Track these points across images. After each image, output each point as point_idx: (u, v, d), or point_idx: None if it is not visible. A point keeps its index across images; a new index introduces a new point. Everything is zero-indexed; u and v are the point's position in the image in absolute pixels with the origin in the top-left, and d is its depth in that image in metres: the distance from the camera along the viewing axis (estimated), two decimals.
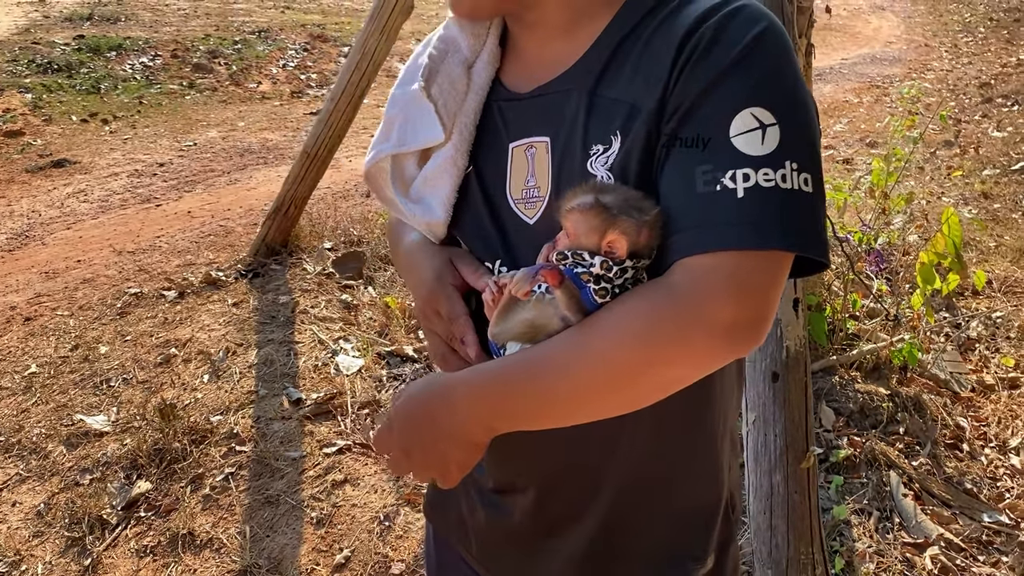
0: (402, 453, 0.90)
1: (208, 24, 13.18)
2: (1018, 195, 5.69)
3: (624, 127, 0.83)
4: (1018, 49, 11.64)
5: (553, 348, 0.80)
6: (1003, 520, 2.58)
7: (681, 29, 0.81)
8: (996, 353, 3.48)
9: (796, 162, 0.76)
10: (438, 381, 0.89)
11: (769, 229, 0.75)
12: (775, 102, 0.77)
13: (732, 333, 0.74)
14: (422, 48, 1.05)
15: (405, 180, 1.04)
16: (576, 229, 0.80)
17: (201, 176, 6.24)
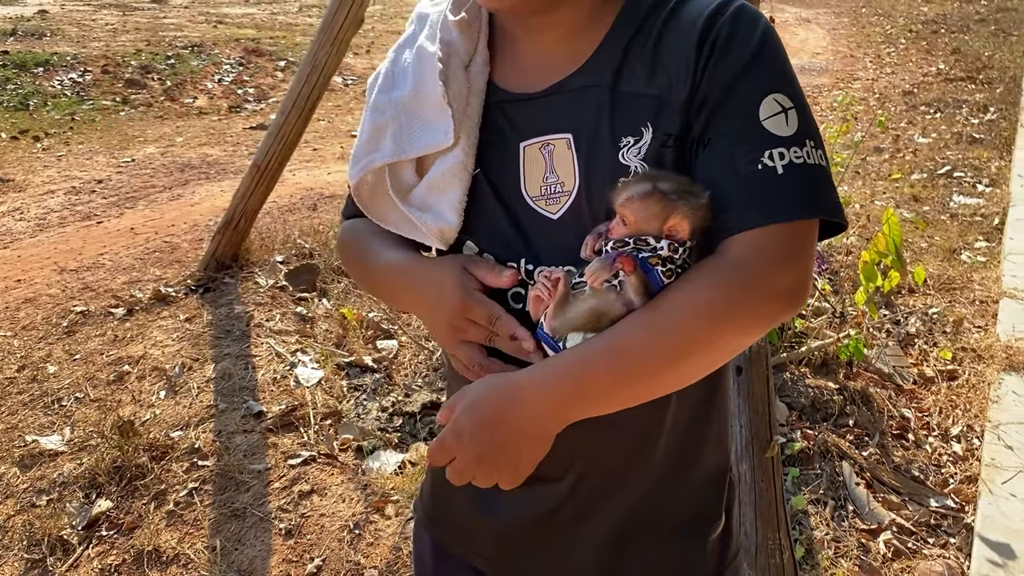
0: (473, 459, 0.89)
1: (138, 39, 12.95)
2: (945, 198, 5.95)
3: (655, 118, 0.89)
4: (937, 59, 12.13)
5: (629, 331, 0.85)
6: (949, 504, 2.71)
7: (695, 27, 0.88)
8: (934, 347, 3.64)
9: (812, 140, 0.86)
10: (502, 383, 0.90)
11: (809, 201, 0.85)
12: (789, 88, 0.87)
13: (791, 295, 0.83)
14: (397, 53, 1.06)
15: (402, 188, 1.03)
16: (637, 216, 0.85)
17: (142, 192, 6.14)
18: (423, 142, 0.99)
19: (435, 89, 0.97)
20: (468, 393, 0.91)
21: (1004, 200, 5.76)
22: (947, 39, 14.27)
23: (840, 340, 3.23)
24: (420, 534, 1.25)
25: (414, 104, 1.00)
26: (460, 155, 0.97)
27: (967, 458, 2.92)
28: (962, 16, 17.73)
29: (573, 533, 1.04)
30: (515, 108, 0.98)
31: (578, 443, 0.96)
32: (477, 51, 1.01)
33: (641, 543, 1.05)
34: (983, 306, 4.07)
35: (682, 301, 0.83)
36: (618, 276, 0.85)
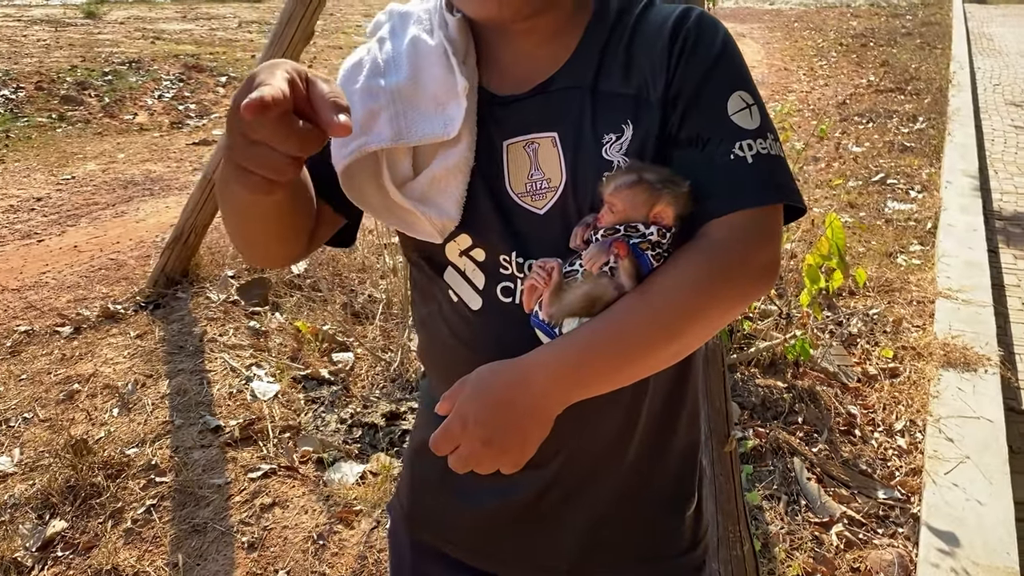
0: (480, 443, 0.91)
1: (73, 55, 12.68)
2: (880, 204, 6.16)
3: (635, 116, 0.96)
4: (867, 71, 12.54)
5: (626, 311, 0.91)
6: (896, 496, 2.81)
7: (663, 31, 0.97)
8: (876, 346, 3.78)
9: (771, 133, 0.95)
10: (505, 368, 0.93)
11: (776, 187, 0.93)
12: (749, 86, 0.96)
13: (767, 270, 0.93)
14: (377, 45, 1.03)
15: (398, 178, 1.00)
16: (625, 205, 0.91)
17: (84, 210, 6.02)
18: (422, 131, 0.98)
19: (442, 81, 0.97)
20: (469, 381, 0.93)
21: (935, 205, 5.99)
22: (876, 52, 14.75)
23: (787, 341, 3.33)
24: (398, 533, 1.26)
25: (411, 93, 0.99)
26: (464, 151, 0.99)
27: (911, 451, 3.04)
28: (889, 30, 18.35)
29: (558, 517, 1.09)
30: (500, 109, 1.01)
31: (562, 430, 0.98)
32: (468, 53, 1.02)
33: (623, 521, 1.10)
34: (920, 306, 4.23)
35: (672, 281, 0.90)
36: (612, 261, 0.91)
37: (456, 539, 1.17)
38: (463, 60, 1.00)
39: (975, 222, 5.53)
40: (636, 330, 0.90)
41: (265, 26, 18.95)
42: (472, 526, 1.14)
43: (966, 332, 3.87)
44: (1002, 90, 11.45)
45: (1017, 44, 16.86)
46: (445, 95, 0.98)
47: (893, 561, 2.49)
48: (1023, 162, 7.65)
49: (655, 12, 1.00)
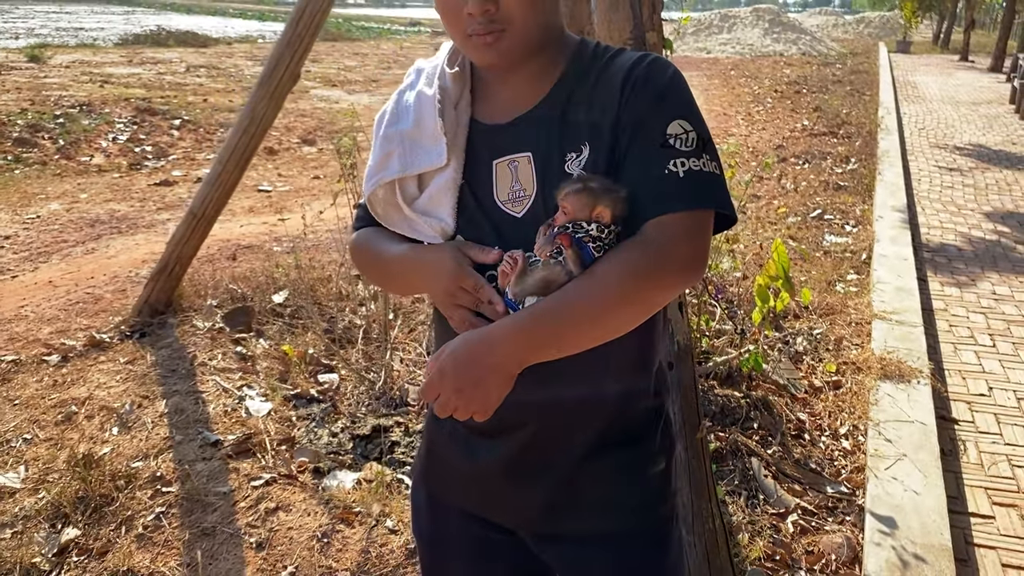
0: (454, 392, 1.15)
1: (21, 98, 12.70)
2: (818, 237, 6.60)
3: (591, 138, 1.19)
4: (802, 116, 13.22)
5: (571, 290, 1.12)
6: (843, 490, 3.12)
7: (620, 72, 1.20)
8: (820, 362, 4.12)
9: (708, 155, 1.16)
10: (477, 333, 1.16)
11: (702, 196, 1.13)
12: (690, 117, 1.17)
13: (690, 266, 1.12)
14: (399, 96, 1.36)
15: (408, 198, 1.32)
16: (573, 207, 1.13)
17: (54, 247, 6.13)
18: (422, 162, 1.29)
19: (433, 123, 1.27)
20: (449, 344, 1.18)
21: (869, 238, 6.44)
22: (809, 98, 15.52)
23: (741, 355, 3.65)
24: (417, 488, 1.53)
25: (415, 134, 1.30)
26: (452, 173, 1.27)
27: (854, 452, 3.36)
28: (820, 78, 19.29)
29: (534, 471, 1.31)
30: (490, 135, 1.27)
31: (534, 393, 1.23)
32: (463, 95, 1.31)
33: (591, 478, 1.32)
34: (858, 327, 4.60)
35: (611, 267, 1.10)
36: (560, 251, 1.12)
37: (457, 489, 1.42)
38: (455, 104, 1.30)
39: (905, 252, 5.98)
40: (579, 303, 1.10)
41: (213, 70, 19.15)
42: (469, 477, 1.38)
43: (900, 348, 4.24)
44: (927, 133, 12.19)
45: (939, 91, 17.87)
46: (437, 134, 1.27)
47: (842, 543, 2.79)
48: (947, 199, 8.21)
49: (622, 57, 1.24)
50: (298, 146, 10.86)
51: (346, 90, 16.64)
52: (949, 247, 6.61)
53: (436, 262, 1.27)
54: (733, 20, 32.54)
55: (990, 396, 4.05)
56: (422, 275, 1.31)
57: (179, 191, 8.17)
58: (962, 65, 25.20)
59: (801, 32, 30.76)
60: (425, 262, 1.29)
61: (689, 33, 31.51)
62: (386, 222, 1.36)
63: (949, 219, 7.47)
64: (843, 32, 43.60)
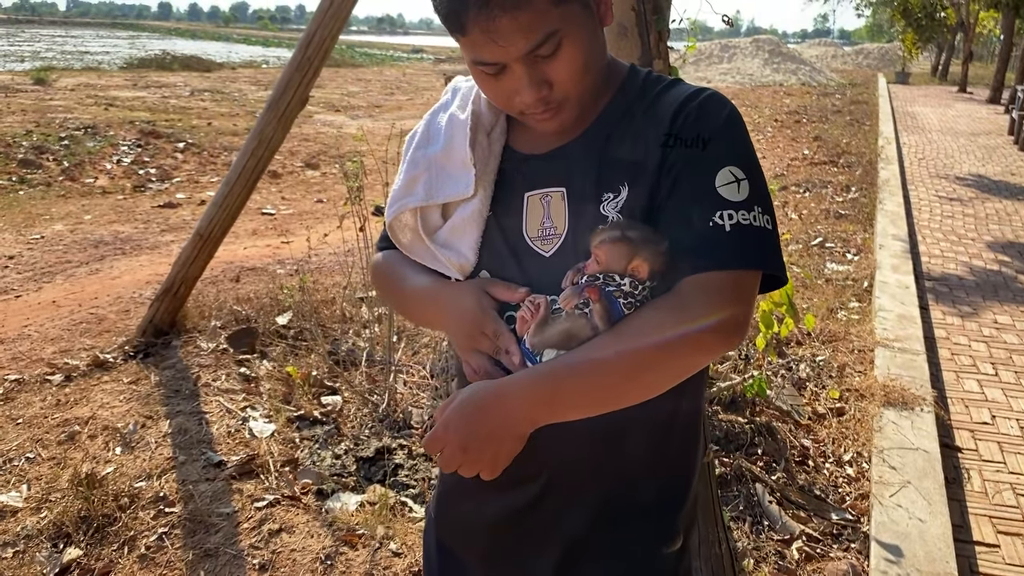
0: (459, 448, 1.06)
1: (26, 120, 12.80)
2: (820, 265, 6.61)
3: (631, 179, 1.09)
4: (802, 145, 13.30)
5: (594, 348, 1.02)
6: (848, 517, 3.11)
7: (670, 108, 1.10)
8: (823, 388, 4.12)
9: (761, 207, 1.04)
10: (490, 385, 1.07)
11: (750, 254, 1.02)
12: (744, 163, 1.06)
13: (730, 329, 1.00)
14: (431, 117, 1.28)
15: (430, 228, 1.24)
16: (607, 257, 1.03)
17: (58, 267, 6.15)
18: (448, 191, 1.20)
19: (463, 151, 1.19)
20: (460, 393, 1.08)
21: (871, 266, 6.46)
22: (809, 128, 15.62)
23: (745, 380, 3.65)
24: (428, 534, 1.44)
25: (444, 160, 1.22)
26: (478, 204, 1.19)
27: (859, 479, 3.35)
28: (820, 108, 19.43)
29: (548, 527, 1.23)
30: (525, 165, 1.19)
31: (550, 446, 1.13)
32: (498, 122, 1.23)
33: (603, 541, 1.22)
34: (861, 354, 4.61)
35: (639, 326, 1.01)
36: (587, 304, 1.03)
37: (472, 543, 1.33)
38: (490, 130, 1.22)
39: (907, 280, 6.00)
40: (603, 364, 1.01)
41: (217, 94, 19.31)
42: (483, 531, 1.29)
43: (903, 376, 4.24)
44: (927, 163, 12.25)
45: (938, 122, 18.00)
46: (466, 163, 1.18)
47: (848, 570, 2.78)
48: (948, 229, 8.24)
49: (675, 90, 1.13)
50: (302, 170, 10.91)
51: (349, 115, 16.76)
52: (950, 276, 6.62)
53: (456, 301, 1.19)
54: (733, 50, 32.84)
55: (993, 424, 4.05)
56: (441, 313, 1.23)
57: (183, 213, 8.20)
58: (961, 96, 25.40)
59: (801, 62, 31.03)
60: (446, 300, 1.21)
61: (690, 63, 31.76)
62: (408, 251, 1.29)
63: (950, 248, 7.50)
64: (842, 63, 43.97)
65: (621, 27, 2.35)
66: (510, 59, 1.04)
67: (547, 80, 1.07)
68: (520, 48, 1.02)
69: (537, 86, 1.06)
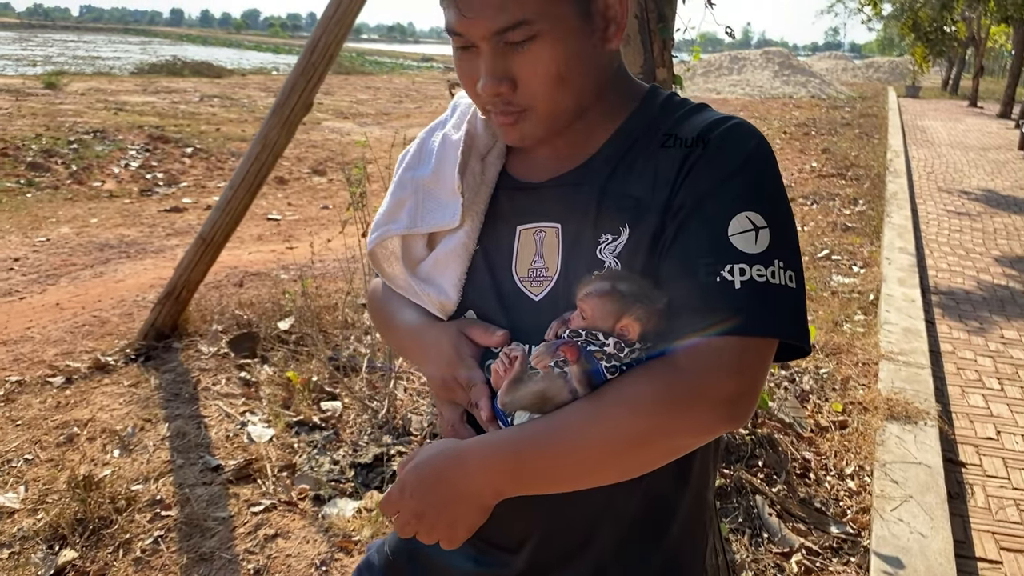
0: (413, 515, 0.95)
1: (36, 124, 12.87)
2: (826, 277, 6.59)
3: (633, 220, 0.94)
4: (810, 158, 13.27)
5: (567, 417, 0.89)
6: (848, 531, 3.08)
7: (687, 138, 0.95)
8: (826, 401, 4.10)
9: (783, 261, 0.88)
10: (452, 447, 0.95)
11: (762, 319, 0.85)
12: (766, 208, 0.90)
13: (730, 407, 0.84)
14: (427, 135, 1.16)
15: (412, 259, 1.13)
16: (594, 312, 0.90)
17: (63, 270, 6.16)
18: (434, 220, 1.09)
19: (452, 177, 1.06)
20: (421, 451, 0.98)
21: (877, 279, 6.43)
22: (818, 140, 15.60)
23: None
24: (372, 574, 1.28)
25: (432, 184, 1.10)
26: (463, 237, 1.07)
27: (860, 492, 3.32)
28: (829, 121, 19.40)
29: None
30: (520, 195, 1.06)
31: (533, 515, 1.02)
32: (495, 145, 1.11)
33: None
34: (865, 367, 4.58)
35: (619, 395, 0.86)
36: (564, 364, 0.89)
37: None
38: (484, 154, 1.10)
39: (913, 294, 5.96)
40: (573, 439, 0.87)
41: (227, 100, 19.39)
42: None
43: (907, 389, 4.21)
44: (935, 177, 12.21)
45: (948, 136, 17.96)
46: (456, 188, 1.06)
47: None
48: (956, 243, 8.21)
49: (697, 117, 0.98)
50: (308, 176, 10.93)
51: (358, 122, 16.80)
52: (957, 290, 6.59)
53: (435, 344, 1.07)
54: (743, 62, 32.85)
55: (998, 440, 4.01)
56: (420, 355, 1.11)
57: (189, 218, 8.21)
58: (971, 111, 25.36)
59: (811, 75, 31.03)
60: (425, 340, 1.09)
61: (699, 73, 31.79)
62: (391, 282, 1.18)
63: (957, 262, 7.46)
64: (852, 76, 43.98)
65: (624, 35, 2.34)
66: (477, 37, 0.93)
67: (511, 75, 0.94)
68: (486, 26, 0.91)
69: (497, 77, 0.94)
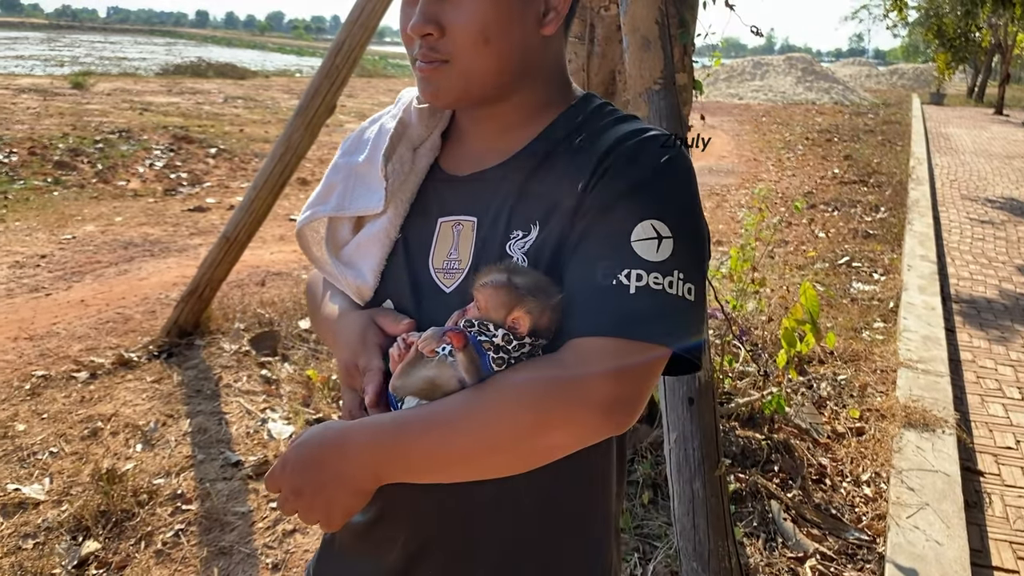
0: (292, 493, 0.93)
1: (63, 123, 13.05)
2: (845, 284, 6.57)
3: (543, 218, 0.96)
4: (832, 164, 13.21)
5: (445, 405, 0.88)
6: (863, 537, 3.08)
7: (605, 144, 0.97)
8: (843, 408, 4.09)
9: (683, 273, 0.88)
10: (333, 427, 0.94)
11: (652, 325, 0.85)
12: (673, 219, 0.90)
13: (608, 409, 0.83)
14: (368, 124, 1.18)
15: (337, 242, 1.14)
16: (487, 303, 0.90)
17: (88, 267, 6.25)
18: (360, 204, 1.10)
19: (379, 161, 1.08)
20: (307, 431, 0.96)
21: (897, 287, 6.40)
22: (840, 147, 15.52)
23: (764, 397, 3.63)
24: None
25: (364, 170, 1.11)
26: (386, 223, 1.08)
27: (876, 499, 3.32)
28: (852, 127, 19.29)
29: None
30: (445, 187, 1.08)
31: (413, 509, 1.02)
32: (430, 137, 1.13)
33: None
34: (883, 374, 4.57)
35: (499, 386, 0.86)
36: (448, 350, 0.90)
37: None
38: (417, 145, 1.12)
39: (933, 302, 5.93)
40: (449, 427, 0.87)
41: (251, 102, 19.56)
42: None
43: (925, 397, 4.20)
44: (958, 185, 12.12)
45: (972, 144, 17.80)
46: (381, 171, 1.08)
47: None
48: (978, 251, 8.15)
49: (621, 126, 1.00)
50: None
51: None
52: (979, 299, 6.54)
53: (345, 331, 1.07)
54: (766, 67, 32.74)
55: (1017, 449, 3.99)
56: (333, 341, 1.11)
57: (212, 218, 8.30)
58: (996, 119, 25.11)
59: (834, 81, 30.86)
60: (340, 328, 1.10)
61: (721, 79, 31.72)
62: (316, 265, 1.19)
63: (979, 271, 7.41)
64: (876, 83, 43.67)
65: (644, 40, 2.37)
66: None
67: (439, 21, 0.98)
68: None
69: (425, 19, 0.97)
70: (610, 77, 3.20)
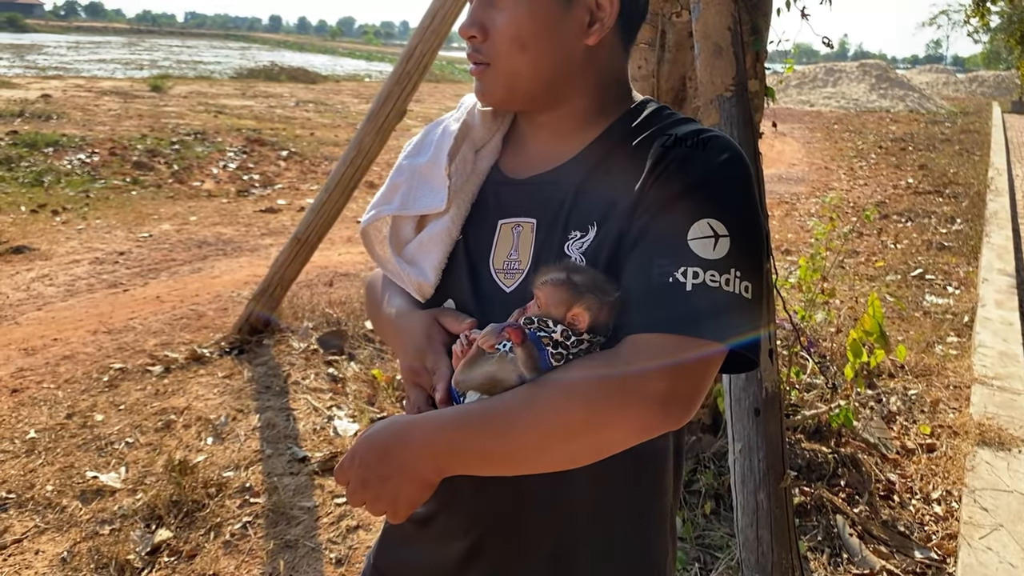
0: (360, 484, 0.97)
1: (141, 124, 13.48)
2: (918, 297, 6.40)
3: (601, 219, 0.98)
4: (906, 174, 12.89)
5: (505, 400, 0.91)
6: (933, 556, 3.00)
7: (662, 145, 0.99)
8: (914, 423, 3.99)
9: (740, 271, 0.90)
10: (399, 421, 0.97)
11: (708, 322, 0.87)
12: (730, 218, 0.92)
13: (664, 406, 0.85)
14: (432, 127, 1.22)
15: (400, 241, 1.17)
16: (547, 300, 0.92)
17: (163, 265, 6.45)
18: (423, 204, 1.13)
19: (443, 160, 1.12)
20: (376, 424, 1.00)
21: (972, 301, 6.22)
22: (915, 156, 15.14)
23: (831, 410, 3.57)
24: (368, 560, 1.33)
25: (427, 171, 1.14)
26: (448, 222, 1.11)
27: (947, 518, 3.23)
28: (928, 136, 18.80)
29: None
30: (504, 189, 1.11)
31: (477, 501, 1.05)
32: (492, 140, 1.16)
33: None
34: (957, 390, 4.44)
35: (556, 381, 0.88)
36: (508, 346, 0.92)
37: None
38: (479, 147, 1.15)
39: (1011, 317, 5.75)
40: (507, 421, 0.89)
41: (321, 106, 19.94)
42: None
43: (1001, 415, 4.07)
44: None
45: None
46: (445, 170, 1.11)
47: None
48: None
49: (678, 128, 1.02)
50: None
51: None
52: None
53: (408, 330, 1.10)
54: (839, 74, 32.09)
55: None
56: (396, 341, 1.15)
57: (282, 219, 8.49)
58: None
59: (909, 89, 30.09)
60: (401, 328, 1.13)
61: (793, 85, 31.20)
62: (380, 264, 1.23)
63: None
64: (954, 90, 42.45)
65: (716, 47, 2.36)
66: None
67: (483, 24, 1.04)
68: None
69: (472, 22, 1.05)
70: (680, 83, 3.19)
